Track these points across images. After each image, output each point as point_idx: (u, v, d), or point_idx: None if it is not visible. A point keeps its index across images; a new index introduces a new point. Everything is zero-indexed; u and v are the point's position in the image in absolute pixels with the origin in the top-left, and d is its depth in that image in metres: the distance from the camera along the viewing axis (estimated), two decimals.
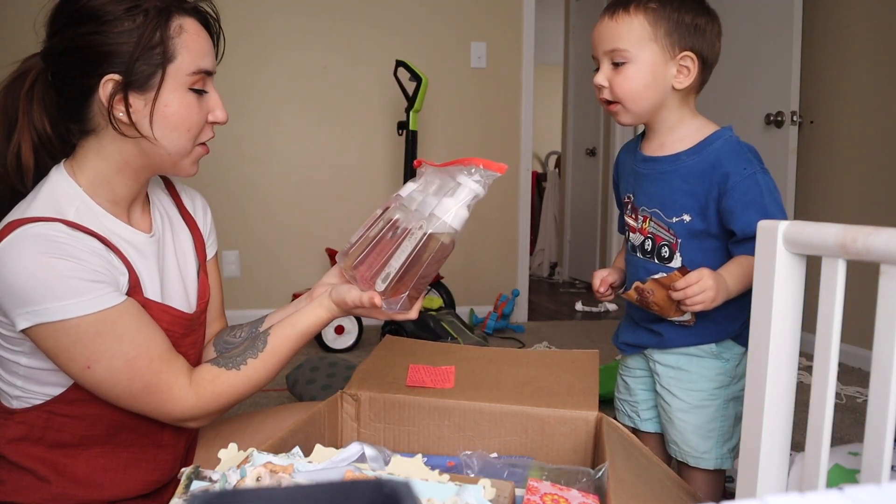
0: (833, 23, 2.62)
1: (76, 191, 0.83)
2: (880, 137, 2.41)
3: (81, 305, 0.75)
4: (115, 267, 0.81)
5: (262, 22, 2.92)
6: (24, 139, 0.84)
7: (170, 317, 0.88)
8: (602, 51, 0.99)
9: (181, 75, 0.81)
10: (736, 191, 0.94)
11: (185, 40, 0.81)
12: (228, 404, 0.88)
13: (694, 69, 0.97)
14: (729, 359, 1.02)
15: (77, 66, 0.80)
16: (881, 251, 0.57)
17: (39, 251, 0.74)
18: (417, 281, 0.81)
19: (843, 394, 2.09)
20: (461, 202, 0.79)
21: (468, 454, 0.85)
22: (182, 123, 0.83)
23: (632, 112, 1.00)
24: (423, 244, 0.78)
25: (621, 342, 1.14)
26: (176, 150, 0.84)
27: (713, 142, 0.99)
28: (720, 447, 1.03)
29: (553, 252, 5.11)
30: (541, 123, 5.79)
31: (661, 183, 1.01)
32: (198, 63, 0.83)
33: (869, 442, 0.59)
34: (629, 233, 1.08)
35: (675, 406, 1.04)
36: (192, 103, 0.83)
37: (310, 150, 3.05)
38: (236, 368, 0.87)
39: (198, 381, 0.85)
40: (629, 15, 0.96)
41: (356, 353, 2.56)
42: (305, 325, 0.90)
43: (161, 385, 0.81)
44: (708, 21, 0.98)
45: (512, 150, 3.23)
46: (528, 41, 3.19)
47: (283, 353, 0.89)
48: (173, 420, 0.85)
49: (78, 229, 0.78)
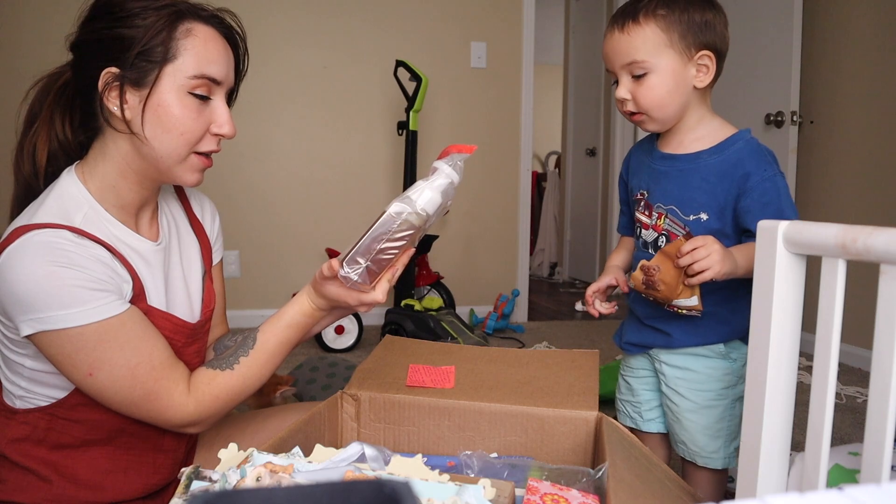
0: (833, 23, 2.62)
1: (85, 196, 0.83)
2: (880, 137, 2.41)
3: (85, 314, 0.75)
4: (119, 275, 0.81)
5: (263, 21, 2.92)
6: (40, 139, 0.86)
7: (172, 325, 0.88)
8: (619, 65, 0.98)
9: (181, 77, 0.81)
10: (755, 191, 0.95)
11: (192, 43, 0.81)
12: (227, 406, 0.88)
13: (712, 65, 0.98)
14: (737, 359, 1.02)
15: (85, 58, 0.82)
16: (881, 251, 0.57)
17: (45, 259, 0.74)
18: (376, 255, 0.82)
19: (843, 394, 2.09)
20: (434, 187, 0.82)
21: (468, 454, 0.85)
22: (175, 126, 0.81)
23: (658, 120, 1.00)
24: (384, 218, 0.81)
25: (625, 342, 1.13)
26: (166, 152, 0.83)
27: (735, 142, 0.99)
28: (728, 446, 1.03)
29: (553, 252, 5.11)
30: (541, 123, 5.80)
31: (680, 181, 1.01)
32: (202, 68, 0.82)
33: (869, 442, 0.59)
34: (640, 229, 1.07)
35: (684, 406, 1.04)
36: (189, 107, 0.82)
37: (310, 150, 3.05)
38: (230, 369, 0.88)
39: (195, 385, 0.86)
40: (640, 25, 0.95)
41: (356, 353, 2.56)
42: (290, 316, 0.90)
43: (161, 392, 0.82)
44: (715, 14, 0.97)
45: (512, 150, 3.23)
46: (528, 41, 3.19)
47: (272, 347, 0.90)
48: (174, 426, 0.85)
49: (84, 236, 0.78)
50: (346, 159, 3.08)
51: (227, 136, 0.86)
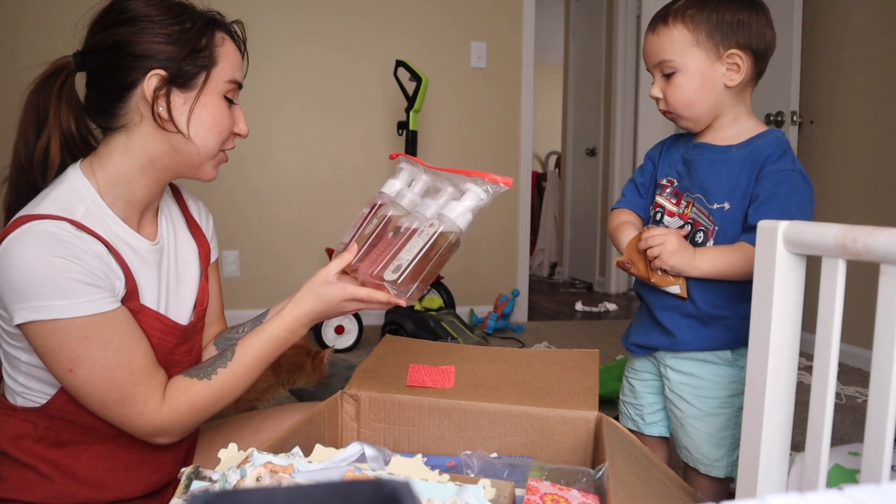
0: (833, 23, 2.62)
1: (89, 191, 0.84)
2: (880, 137, 2.41)
3: (74, 307, 0.75)
4: (114, 271, 0.82)
5: (262, 20, 2.92)
6: (54, 136, 0.87)
7: (163, 326, 0.89)
8: (651, 64, 1.03)
9: (219, 81, 0.87)
10: (767, 179, 0.95)
11: (226, 50, 0.88)
12: (200, 417, 0.87)
13: (744, 64, 0.98)
14: (744, 366, 1.00)
15: (121, 60, 0.83)
16: (881, 251, 0.57)
17: (43, 248, 0.74)
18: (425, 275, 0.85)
19: (843, 394, 2.09)
20: (468, 206, 0.86)
21: (468, 454, 0.85)
22: (215, 126, 0.88)
23: (688, 118, 1.02)
24: (434, 240, 0.84)
25: (631, 343, 1.12)
26: (206, 150, 0.88)
27: (765, 136, 1.00)
28: (731, 455, 1.02)
29: (553, 252, 5.11)
30: (541, 123, 5.80)
31: (709, 170, 1.02)
32: (234, 73, 0.89)
33: (869, 442, 0.59)
34: (663, 216, 1.07)
35: (688, 413, 1.03)
36: (224, 109, 0.89)
37: (310, 150, 3.05)
38: (207, 378, 0.87)
39: (171, 392, 0.85)
40: (668, 27, 0.99)
41: (356, 353, 2.56)
42: (270, 330, 0.90)
43: (137, 397, 0.81)
44: (751, 13, 0.98)
45: (512, 150, 3.22)
46: (528, 41, 3.19)
47: (250, 361, 0.89)
48: (143, 435, 0.84)
49: (83, 230, 0.79)
50: (346, 159, 3.08)
51: (243, 136, 0.93)
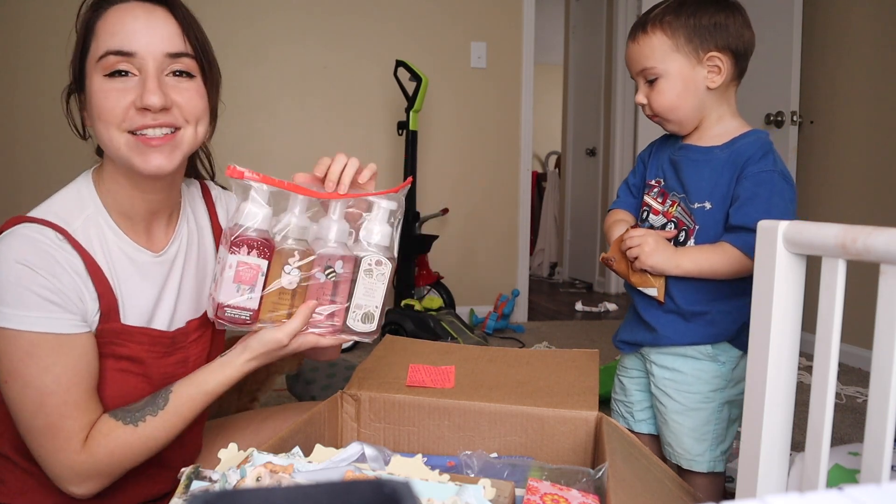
0: (833, 23, 2.62)
1: (93, 198, 0.82)
2: (880, 137, 2.41)
3: (26, 320, 0.73)
4: (89, 291, 0.78)
5: (262, 20, 2.92)
6: None
7: (150, 338, 0.85)
8: (634, 72, 1.06)
9: (93, 64, 0.77)
10: (748, 180, 0.97)
11: (104, 23, 0.77)
12: (120, 466, 0.80)
13: (725, 66, 1.00)
14: (725, 361, 1.02)
15: None
16: (881, 251, 0.57)
17: (17, 253, 0.73)
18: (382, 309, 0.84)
19: (843, 394, 2.09)
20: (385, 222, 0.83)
21: (468, 454, 0.85)
22: (101, 114, 0.77)
23: (673, 121, 1.05)
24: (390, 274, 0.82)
25: (619, 340, 1.14)
26: (108, 143, 0.78)
27: (747, 136, 1.01)
28: (713, 450, 1.03)
29: (553, 252, 5.11)
30: (541, 123, 5.79)
31: (692, 170, 1.04)
32: (107, 44, 0.76)
33: (869, 442, 0.59)
34: (649, 214, 1.09)
35: (671, 408, 1.04)
36: (108, 90, 0.76)
37: (309, 150, 3.05)
38: (133, 424, 0.79)
39: (93, 433, 0.78)
40: (647, 34, 1.01)
41: (356, 353, 2.55)
42: (211, 386, 0.83)
43: (62, 431, 0.76)
44: (728, 15, 1.00)
45: (512, 150, 3.23)
46: (528, 41, 3.19)
47: (185, 413, 0.82)
48: (56, 477, 0.78)
49: (69, 242, 0.77)
50: None
51: (149, 108, 0.75)
